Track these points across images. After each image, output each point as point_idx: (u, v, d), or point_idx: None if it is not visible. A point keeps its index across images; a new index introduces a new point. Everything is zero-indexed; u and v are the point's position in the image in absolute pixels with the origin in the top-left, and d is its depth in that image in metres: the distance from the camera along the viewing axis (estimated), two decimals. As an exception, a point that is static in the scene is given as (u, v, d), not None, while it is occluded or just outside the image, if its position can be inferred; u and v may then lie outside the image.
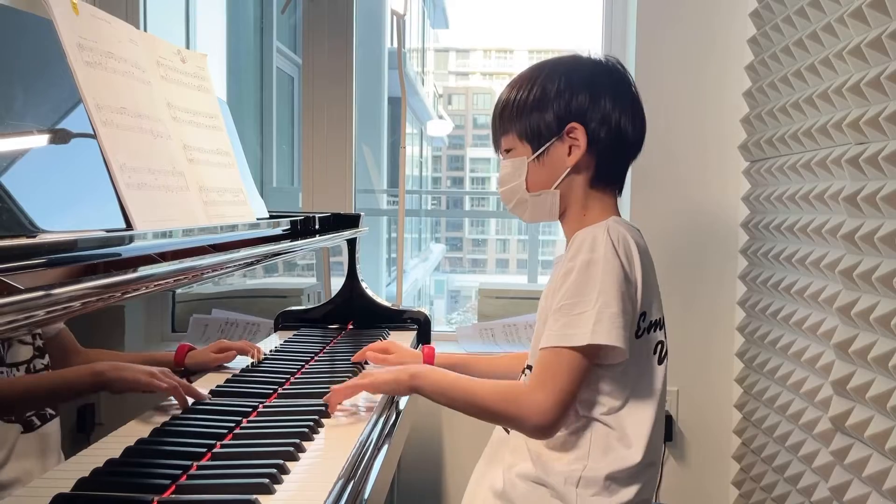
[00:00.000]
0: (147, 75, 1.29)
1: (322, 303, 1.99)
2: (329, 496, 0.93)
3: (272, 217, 1.72)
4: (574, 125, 1.21)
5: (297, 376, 1.45)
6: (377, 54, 5.02)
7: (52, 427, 0.87)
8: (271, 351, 1.61)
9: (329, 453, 1.09)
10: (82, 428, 0.94)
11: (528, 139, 1.25)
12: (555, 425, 1.14)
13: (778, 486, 1.81)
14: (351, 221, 2.03)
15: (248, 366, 1.44)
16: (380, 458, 1.17)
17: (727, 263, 2.21)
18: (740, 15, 2.10)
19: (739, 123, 2.09)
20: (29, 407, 0.84)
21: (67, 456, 0.90)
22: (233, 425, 1.14)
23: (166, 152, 1.27)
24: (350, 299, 2.01)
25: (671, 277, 2.05)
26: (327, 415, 1.24)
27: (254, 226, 1.50)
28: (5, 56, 1.05)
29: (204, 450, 1.03)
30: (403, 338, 1.86)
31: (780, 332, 1.83)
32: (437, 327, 2.39)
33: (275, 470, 0.96)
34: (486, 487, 1.24)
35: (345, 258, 2.03)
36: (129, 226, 1.09)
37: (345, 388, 1.26)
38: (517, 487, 1.20)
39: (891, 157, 1.30)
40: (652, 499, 1.23)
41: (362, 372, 1.33)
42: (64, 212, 1.04)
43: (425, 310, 2.05)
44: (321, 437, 1.15)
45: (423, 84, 10.74)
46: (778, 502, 1.80)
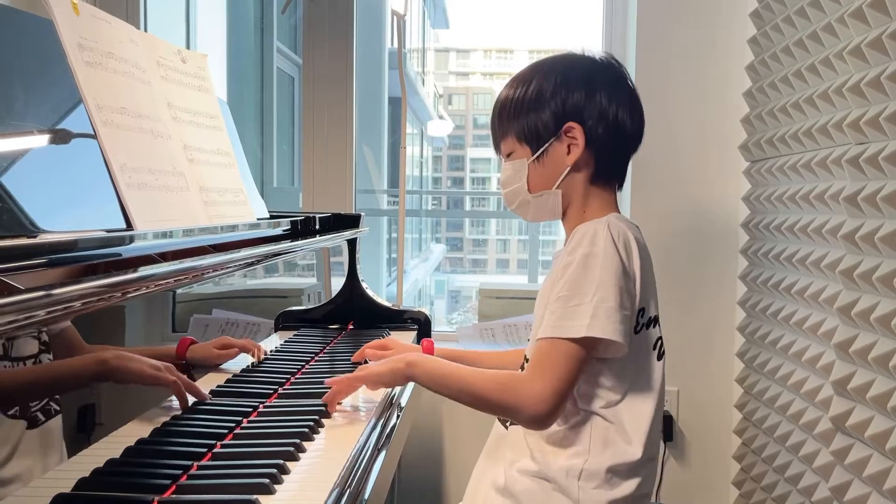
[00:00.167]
0: (147, 75, 1.29)
1: (322, 303, 1.99)
2: (329, 496, 0.93)
3: (272, 217, 1.72)
4: (571, 124, 1.21)
5: (298, 376, 1.45)
6: (377, 54, 5.02)
7: (56, 423, 0.87)
8: (272, 351, 1.61)
9: (329, 453, 1.09)
10: (83, 428, 0.94)
11: (527, 141, 1.25)
12: (551, 415, 1.12)
13: (778, 486, 1.81)
14: (351, 221, 2.03)
15: (249, 366, 1.44)
16: (380, 458, 1.17)
17: (727, 263, 2.21)
18: (740, 15, 2.10)
19: (740, 123, 2.09)
20: (33, 396, 0.84)
21: (69, 454, 0.90)
22: (233, 425, 1.14)
23: (167, 152, 1.27)
24: (350, 299, 2.01)
25: (672, 277, 2.06)
26: (328, 415, 1.23)
27: (254, 226, 1.50)
28: (6, 56, 1.05)
29: (204, 450, 1.03)
30: (404, 338, 1.86)
31: (781, 333, 1.83)
32: (438, 327, 2.39)
33: (275, 470, 0.96)
34: (488, 484, 1.24)
35: (345, 258, 2.03)
36: (130, 226, 1.09)
37: (342, 383, 1.26)
38: (519, 482, 1.20)
39: (891, 158, 1.30)
40: (651, 494, 1.23)
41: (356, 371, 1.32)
42: (64, 212, 1.04)
43: (426, 310, 2.05)
44: (321, 437, 1.15)
45: (424, 84, 10.74)
46: (778, 502, 1.80)
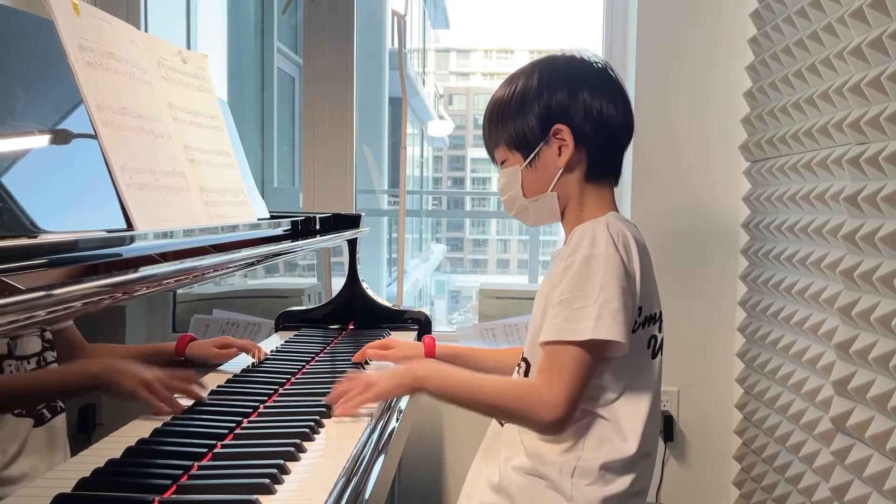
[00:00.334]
0: (148, 76, 1.30)
1: (323, 303, 1.99)
2: (330, 496, 0.93)
3: (273, 217, 1.72)
4: (558, 126, 1.21)
5: (298, 376, 1.45)
6: (378, 55, 5.02)
7: (60, 421, 0.88)
8: (272, 351, 1.61)
9: (330, 453, 1.09)
10: (83, 428, 0.94)
11: (517, 148, 1.25)
12: (566, 420, 1.13)
13: (779, 487, 1.81)
14: (352, 222, 2.03)
15: (249, 366, 1.44)
16: (380, 459, 1.17)
17: (728, 264, 2.21)
18: (741, 15, 2.10)
19: (740, 123, 2.09)
20: (26, 404, 0.84)
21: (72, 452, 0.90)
22: (234, 425, 1.14)
23: (167, 153, 1.27)
24: (351, 299, 2.01)
25: (672, 277, 2.05)
26: (328, 415, 1.23)
27: (254, 226, 1.50)
28: (6, 56, 1.05)
29: (205, 450, 1.03)
30: (404, 338, 1.86)
31: (781, 333, 1.83)
32: (438, 327, 2.38)
33: (275, 470, 0.96)
34: (484, 482, 1.25)
35: (345, 258, 2.03)
36: (130, 226, 1.09)
37: (350, 404, 1.23)
38: (513, 480, 1.20)
39: (891, 158, 1.30)
40: (647, 489, 1.23)
41: (363, 375, 1.28)
42: (65, 212, 1.04)
43: (426, 310, 2.05)
44: (322, 438, 1.15)
45: (424, 84, 10.74)
46: (779, 502, 1.80)
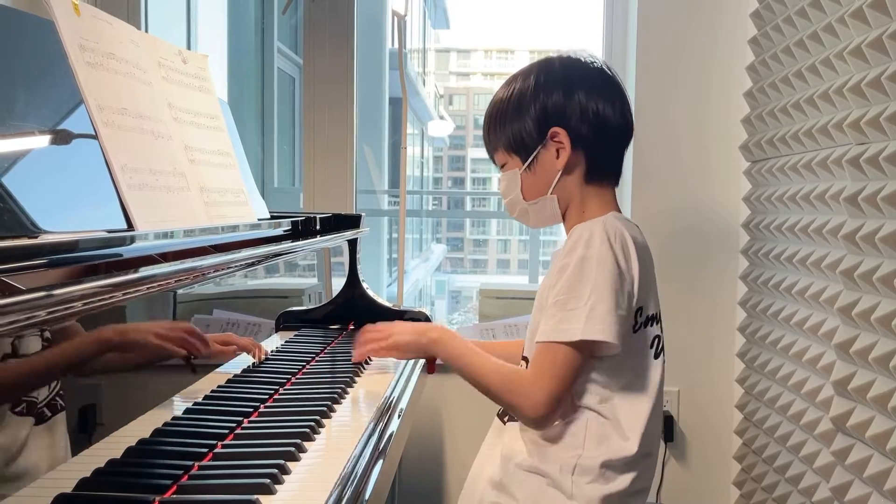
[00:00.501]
0: (148, 76, 1.30)
1: (323, 303, 1.99)
2: (330, 496, 0.94)
3: (273, 217, 1.72)
4: (555, 130, 1.22)
5: (299, 377, 1.46)
6: (378, 55, 5.03)
7: (61, 418, 0.88)
8: (272, 351, 1.61)
9: (330, 454, 1.09)
10: (84, 428, 0.94)
11: (515, 151, 1.26)
12: (548, 417, 1.17)
13: (779, 487, 1.81)
14: (352, 222, 2.03)
15: (250, 366, 1.44)
16: (380, 459, 1.17)
17: (728, 264, 2.21)
18: (741, 15, 2.10)
19: (740, 124, 2.09)
20: (39, 384, 0.83)
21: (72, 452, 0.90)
22: (234, 425, 1.14)
23: (167, 153, 1.27)
24: (351, 300, 2.01)
25: (672, 277, 2.05)
26: (328, 415, 1.24)
27: (255, 226, 1.50)
28: (7, 57, 1.05)
29: (205, 450, 1.03)
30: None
31: (781, 333, 1.83)
32: (438, 327, 2.39)
33: (276, 470, 0.96)
34: (486, 479, 1.25)
35: (346, 259, 2.03)
36: (131, 226, 1.09)
37: (366, 349, 1.33)
38: (514, 477, 1.21)
39: (892, 158, 1.30)
40: (648, 489, 1.23)
41: (387, 325, 1.34)
42: (65, 212, 1.04)
43: (426, 310, 2.05)
44: (322, 438, 1.15)
45: (424, 84, 10.75)
46: (779, 503, 1.80)
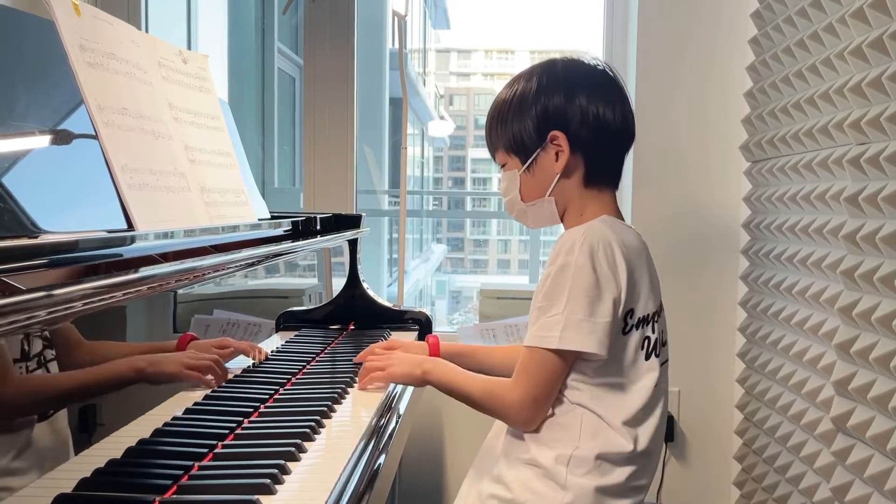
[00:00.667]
0: (148, 76, 1.30)
1: (323, 303, 1.99)
2: (330, 496, 0.94)
3: (273, 217, 1.72)
4: (555, 133, 1.22)
5: (299, 377, 1.46)
6: (378, 55, 5.03)
7: (62, 415, 0.88)
8: (273, 351, 1.61)
9: (330, 454, 1.09)
10: (84, 428, 0.94)
11: (515, 152, 1.27)
12: (532, 419, 1.20)
13: (779, 487, 1.81)
14: (352, 222, 2.03)
15: (250, 366, 1.44)
16: (381, 459, 1.17)
17: (728, 264, 2.21)
18: (741, 15, 2.10)
19: (741, 124, 2.09)
20: (68, 403, 0.90)
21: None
22: (234, 425, 1.14)
23: (168, 153, 1.27)
24: (351, 300, 2.01)
25: (672, 278, 2.05)
26: (329, 415, 1.24)
27: (255, 226, 1.50)
28: (7, 57, 1.05)
29: (205, 450, 1.03)
30: (405, 338, 1.86)
31: (782, 333, 1.83)
32: (439, 328, 2.38)
33: (276, 470, 0.96)
34: (486, 474, 1.26)
35: (346, 259, 2.03)
36: (131, 226, 1.09)
37: (364, 381, 1.40)
38: (511, 470, 1.21)
39: (892, 158, 1.30)
40: (647, 487, 1.23)
41: (386, 355, 1.42)
42: (66, 212, 1.04)
43: (427, 310, 2.05)
44: (322, 438, 1.15)
45: (425, 85, 10.76)
46: (779, 503, 1.80)
